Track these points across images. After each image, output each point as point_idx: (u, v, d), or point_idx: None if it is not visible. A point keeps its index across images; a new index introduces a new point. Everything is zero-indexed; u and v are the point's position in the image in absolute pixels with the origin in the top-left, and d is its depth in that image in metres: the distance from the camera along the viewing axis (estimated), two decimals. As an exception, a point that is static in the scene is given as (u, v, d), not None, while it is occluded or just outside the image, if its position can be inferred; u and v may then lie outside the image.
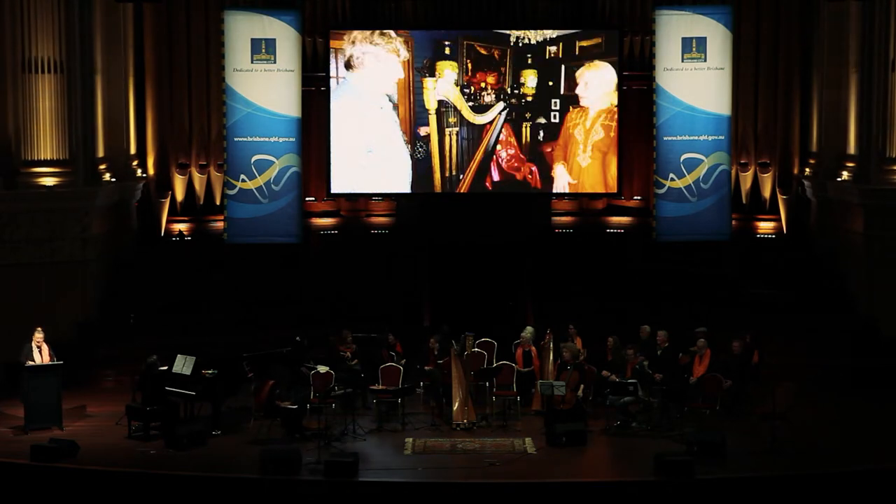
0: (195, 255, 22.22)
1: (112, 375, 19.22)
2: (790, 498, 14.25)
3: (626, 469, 15.11)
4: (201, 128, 22.99)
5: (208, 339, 19.15)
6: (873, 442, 15.87)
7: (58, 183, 19.87)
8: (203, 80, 22.90)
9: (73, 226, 20.08)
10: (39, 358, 16.66)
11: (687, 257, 21.93)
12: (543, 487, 14.30)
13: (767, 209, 23.09)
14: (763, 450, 15.36)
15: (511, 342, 18.37)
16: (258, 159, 21.80)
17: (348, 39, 22.17)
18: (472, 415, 16.81)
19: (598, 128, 22.24)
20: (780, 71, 22.96)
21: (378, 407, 17.14)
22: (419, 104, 22.21)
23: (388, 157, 22.36)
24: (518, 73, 22.19)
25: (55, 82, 19.69)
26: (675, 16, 21.74)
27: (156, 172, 23.14)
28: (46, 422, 16.48)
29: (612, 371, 17.43)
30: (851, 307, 20.68)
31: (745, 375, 17.32)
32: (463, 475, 14.67)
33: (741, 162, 23.03)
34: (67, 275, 19.96)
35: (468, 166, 22.35)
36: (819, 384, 18.38)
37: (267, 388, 16.63)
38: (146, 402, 16.41)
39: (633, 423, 16.58)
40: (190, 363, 16.62)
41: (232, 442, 16.10)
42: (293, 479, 14.42)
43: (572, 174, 22.37)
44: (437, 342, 17.98)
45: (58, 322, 18.98)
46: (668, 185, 21.91)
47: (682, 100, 21.75)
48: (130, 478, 14.63)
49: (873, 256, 20.35)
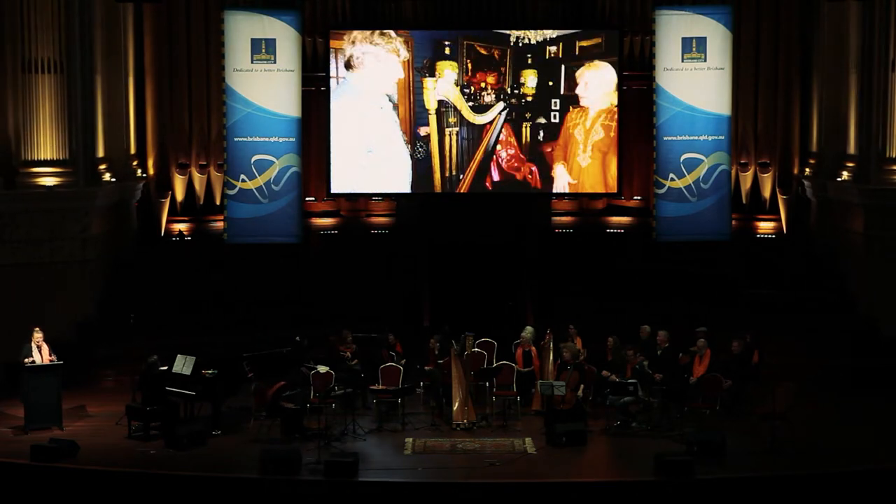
0: (195, 255, 22.22)
1: (112, 375, 19.23)
2: (790, 498, 14.25)
3: (626, 469, 15.11)
4: (201, 128, 22.99)
5: (208, 339, 19.16)
6: (873, 442, 15.86)
7: (58, 183, 19.87)
8: (203, 80, 22.89)
9: (73, 226, 20.08)
10: (39, 357, 16.66)
11: (687, 257, 21.93)
12: (543, 487, 14.31)
13: (767, 209, 23.09)
14: (763, 450, 15.36)
15: (511, 342, 18.37)
16: (258, 159, 21.80)
17: (348, 39, 22.17)
18: (472, 415, 16.80)
19: (598, 128, 22.24)
20: (780, 71, 22.96)
21: (378, 407, 17.14)
22: (419, 104, 22.21)
23: (388, 157, 22.35)
24: (518, 73, 22.19)
25: (55, 82, 19.69)
26: (675, 16, 21.74)
27: (156, 172, 23.14)
28: (46, 422, 16.48)
29: (612, 371, 17.43)
30: (851, 307, 20.69)
31: (745, 375, 17.32)
32: (463, 475, 14.66)
33: (741, 162, 23.03)
34: (67, 275, 19.96)
35: (468, 166, 22.35)
36: (819, 384, 18.38)
37: (275, 388, 16.58)
38: (146, 402, 16.41)
39: (633, 423, 16.58)
40: (190, 363, 16.62)
41: (232, 442, 16.10)
42: (293, 479, 14.42)
43: (572, 174, 22.37)
44: (437, 342, 17.99)
45: (58, 322, 18.96)
46: (668, 185, 21.91)
47: (682, 100, 21.75)
48: (130, 478, 14.63)
49: (873, 256, 20.35)
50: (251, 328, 20.07)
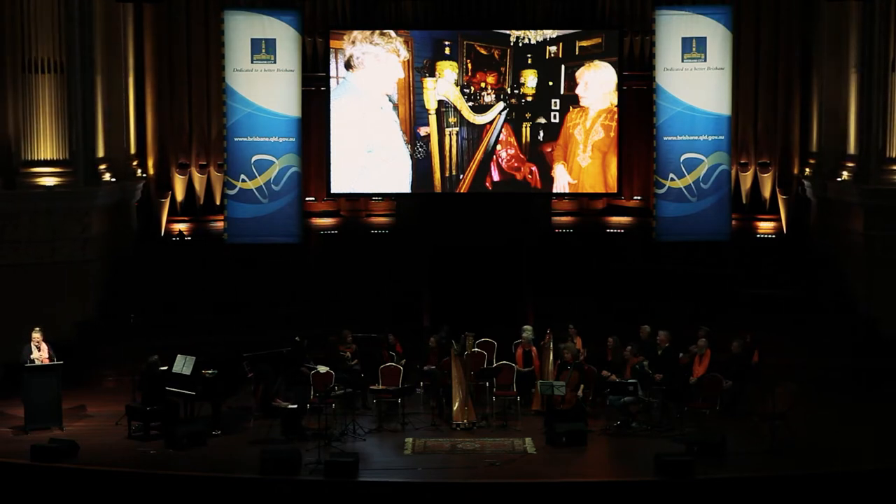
0: (195, 255, 22.21)
1: (112, 375, 19.23)
2: (790, 498, 14.26)
3: (626, 469, 15.11)
4: (201, 128, 22.98)
5: (208, 339, 19.16)
6: (873, 442, 15.87)
7: (58, 183, 19.87)
8: (203, 80, 22.88)
9: (73, 226, 20.09)
10: (39, 357, 16.67)
11: (687, 257, 21.93)
12: (543, 487, 14.31)
13: (767, 209, 23.07)
14: (763, 450, 15.38)
15: (511, 342, 18.38)
16: (258, 159, 21.80)
17: (348, 39, 22.16)
18: (472, 415, 16.81)
19: (598, 128, 22.24)
20: (780, 71, 22.94)
21: (378, 407, 17.14)
22: (419, 104, 22.21)
23: (388, 157, 22.35)
24: (518, 73, 22.19)
25: (55, 82, 19.69)
26: (675, 16, 21.75)
27: (156, 172, 23.13)
28: (46, 422, 16.49)
29: (612, 371, 17.44)
30: (851, 307, 20.68)
31: (745, 375, 17.33)
32: (463, 475, 14.67)
33: (741, 162, 23.02)
34: (67, 275, 19.96)
35: (468, 166, 22.35)
36: (819, 384, 18.39)
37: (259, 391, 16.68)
38: (146, 402, 16.42)
39: (633, 423, 16.58)
40: (190, 363, 16.63)
41: (232, 442, 16.11)
42: (293, 479, 14.43)
43: (572, 174, 22.37)
44: (437, 342, 18.00)
45: (58, 322, 18.98)
46: (668, 185, 21.91)
47: (682, 100, 21.76)
48: (130, 478, 14.64)
49: (873, 256, 20.35)
50: (251, 328, 20.08)
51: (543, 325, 18.26)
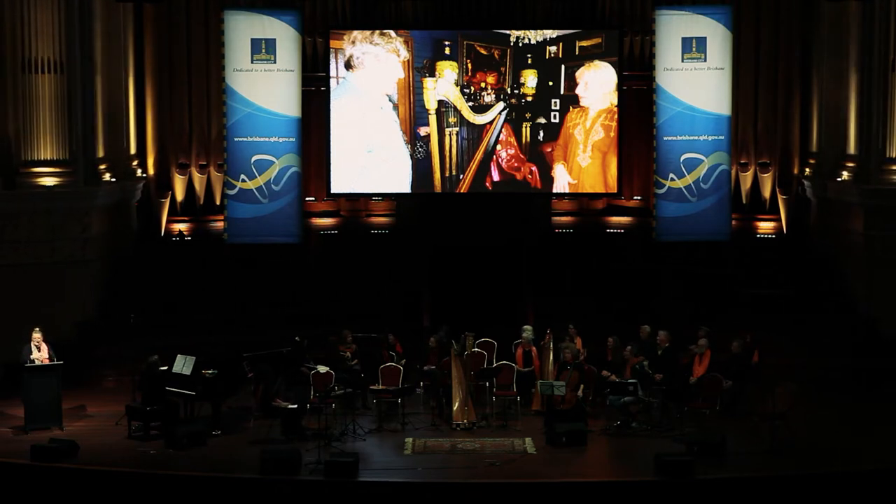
0: (195, 255, 22.21)
1: (112, 375, 19.23)
2: (790, 498, 14.26)
3: (626, 469, 15.11)
4: (201, 128, 22.99)
5: (208, 339, 19.15)
6: (873, 442, 15.87)
7: (58, 183, 19.87)
8: (203, 80, 22.88)
9: (73, 226, 20.09)
10: (39, 357, 16.66)
11: (687, 257, 21.94)
12: (543, 487, 14.31)
13: (767, 209, 23.07)
14: (763, 450, 15.37)
15: (511, 342, 18.37)
16: (258, 159, 21.80)
17: (348, 39, 22.16)
18: (472, 415, 16.81)
19: (598, 128, 22.24)
20: (780, 71, 22.95)
21: (378, 407, 17.14)
22: (419, 104, 22.20)
23: (388, 157, 22.35)
24: (518, 73, 22.19)
25: (55, 82, 19.69)
26: (675, 16, 21.75)
27: (156, 172, 23.14)
28: (46, 422, 16.48)
29: (612, 371, 17.44)
30: (851, 307, 20.68)
31: (745, 375, 17.32)
32: (463, 475, 14.67)
33: (741, 162, 23.02)
34: (67, 275, 19.96)
35: (468, 166, 22.35)
36: (819, 384, 18.39)
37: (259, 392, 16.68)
38: (146, 402, 16.41)
39: (633, 423, 16.58)
40: (190, 363, 16.63)
41: (232, 442, 16.10)
42: (293, 479, 14.43)
43: (572, 174, 22.37)
44: (437, 342, 18.00)
45: (58, 322, 18.97)
46: (668, 185, 21.91)
47: (682, 100, 21.75)
48: (130, 478, 14.64)
49: (873, 256, 20.35)
50: (251, 328, 20.07)
51: (543, 325, 18.25)
